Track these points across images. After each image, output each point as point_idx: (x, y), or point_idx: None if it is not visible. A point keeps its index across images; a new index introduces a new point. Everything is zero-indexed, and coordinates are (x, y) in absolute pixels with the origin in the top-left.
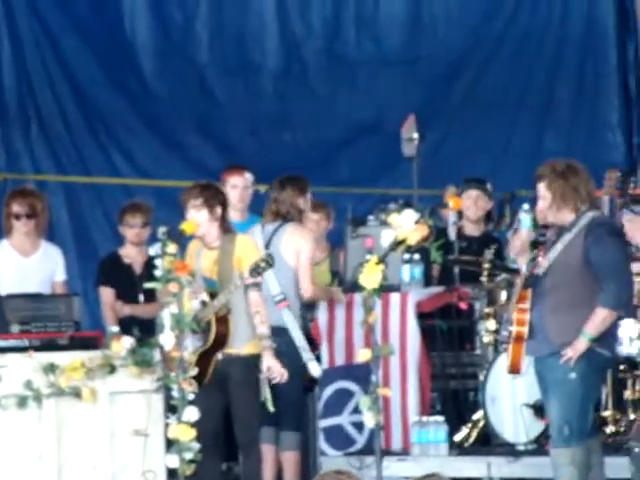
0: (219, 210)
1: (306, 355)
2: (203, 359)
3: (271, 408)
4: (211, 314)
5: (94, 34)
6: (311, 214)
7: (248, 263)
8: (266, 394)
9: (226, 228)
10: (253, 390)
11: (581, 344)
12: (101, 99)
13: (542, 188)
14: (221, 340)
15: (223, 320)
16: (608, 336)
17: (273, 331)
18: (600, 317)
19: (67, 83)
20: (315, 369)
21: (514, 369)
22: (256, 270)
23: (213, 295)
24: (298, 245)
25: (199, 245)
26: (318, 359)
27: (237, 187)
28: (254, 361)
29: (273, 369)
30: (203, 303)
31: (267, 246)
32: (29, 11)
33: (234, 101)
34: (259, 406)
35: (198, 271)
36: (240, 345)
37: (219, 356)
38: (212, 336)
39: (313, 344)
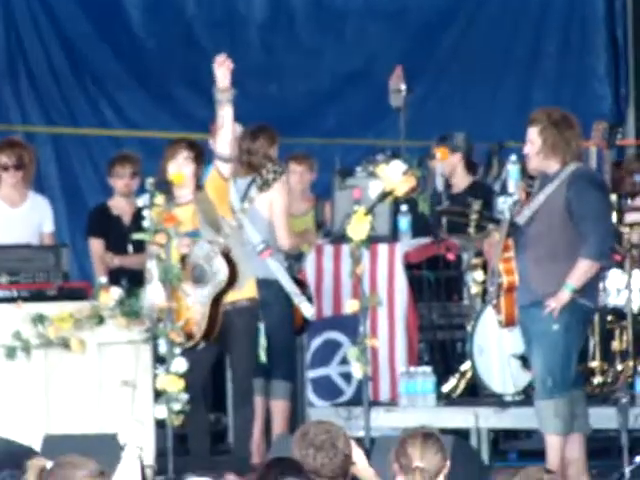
0: (202, 167)
1: (297, 298)
2: (213, 308)
3: (263, 358)
4: (217, 253)
5: None
6: (294, 165)
7: (225, 205)
8: (262, 343)
9: (199, 185)
10: (253, 340)
11: (564, 295)
12: (90, 52)
13: (533, 133)
14: (233, 277)
15: (229, 258)
16: (591, 287)
17: (259, 283)
18: (582, 268)
19: (56, 37)
20: (307, 310)
21: (509, 321)
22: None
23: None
24: (271, 197)
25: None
26: (310, 300)
27: None
28: (254, 308)
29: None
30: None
31: (242, 200)
32: None
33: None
34: (255, 356)
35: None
36: (241, 288)
37: (226, 307)
38: (226, 273)
39: (302, 286)
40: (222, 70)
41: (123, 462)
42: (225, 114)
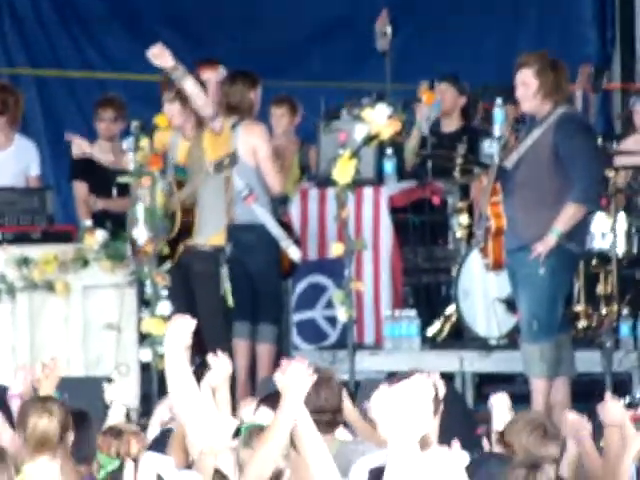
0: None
1: (284, 242)
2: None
3: (230, 302)
4: (177, 204)
5: None
6: (274, 108)
7: (213, 154)
8: (226, 287)
9: (200, 120)
10: (214, 283)
11: (551, 240)
12: None
13: (528, 75)
14: (186, 230)
15: (188, 211)
16: (578, 231)
17: (244, 228)
18: (569, 212)
19: None
20: (295, 253)
21: (497, 265)
22: (220, 166)
23: (182, 184)
24: (254, 144)
25: (175, 135)
26: (296, 243)
27: (210, 81)
28: (216, 254)
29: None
30: (169, 193)
31: None
32: None
33: None
34: (221, 300)
35: (171, 160)
36: (204, 237)
37: (181, 248)
38: (177, 225)
39: (288, 230)
40: (159, 61)
41: (110, 419)
42: (186, 87)
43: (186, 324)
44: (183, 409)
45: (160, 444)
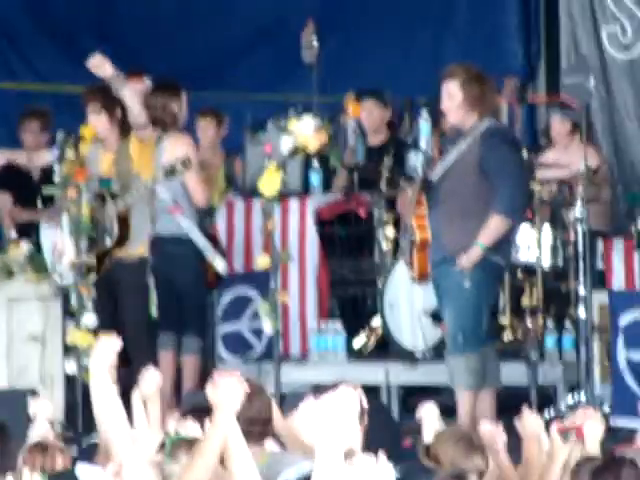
0: (119, 113)
1: (209, 254)
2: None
3: (154, 313)
4: (113, 215)
5: None
6: (200, 120)
7: (145, 165)
8: (151, 298)
9: (125, 130)
10: (139, 294)
11: (475, 252)
12: None
13: (453, 87)
14: (122, 240)
15: (124, 221)
16: (503, 244)
17: (169, 240)
18: (493, 225)
19: None
20: (221, 265)
21: (422, 277)
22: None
23: (112, 195)
24: (178, 155)
25: (95, 147)
26: (222, 255)
27: (136, 92)
28: (142, 265)
29: None
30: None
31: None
32: None
33: (132, 4)
34: (146, 311)
35: (95, 173)
36: (130, 248)
37: (107, 260)
38: (115, 236)
39: (214, 242)
40: (100, 70)
41: (33, 433)
42: (123, 94)
43: (111, 344)
44: (108, 426)
45: (86, 457)
